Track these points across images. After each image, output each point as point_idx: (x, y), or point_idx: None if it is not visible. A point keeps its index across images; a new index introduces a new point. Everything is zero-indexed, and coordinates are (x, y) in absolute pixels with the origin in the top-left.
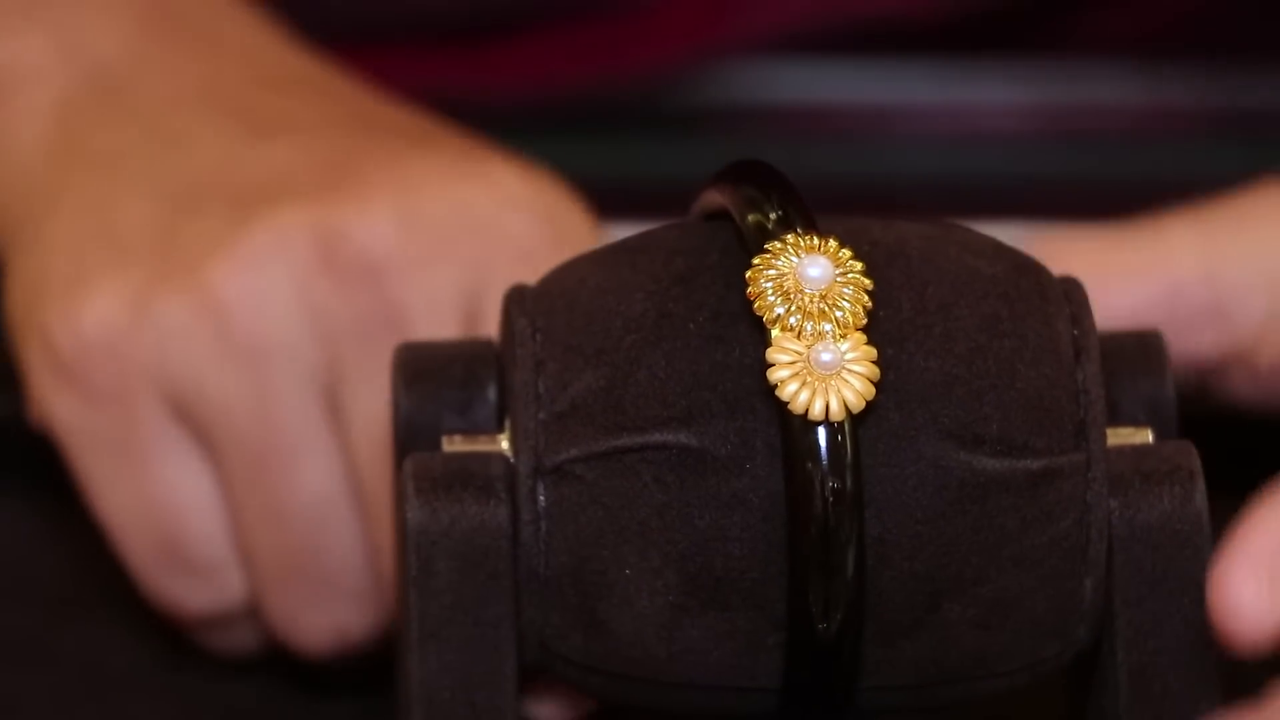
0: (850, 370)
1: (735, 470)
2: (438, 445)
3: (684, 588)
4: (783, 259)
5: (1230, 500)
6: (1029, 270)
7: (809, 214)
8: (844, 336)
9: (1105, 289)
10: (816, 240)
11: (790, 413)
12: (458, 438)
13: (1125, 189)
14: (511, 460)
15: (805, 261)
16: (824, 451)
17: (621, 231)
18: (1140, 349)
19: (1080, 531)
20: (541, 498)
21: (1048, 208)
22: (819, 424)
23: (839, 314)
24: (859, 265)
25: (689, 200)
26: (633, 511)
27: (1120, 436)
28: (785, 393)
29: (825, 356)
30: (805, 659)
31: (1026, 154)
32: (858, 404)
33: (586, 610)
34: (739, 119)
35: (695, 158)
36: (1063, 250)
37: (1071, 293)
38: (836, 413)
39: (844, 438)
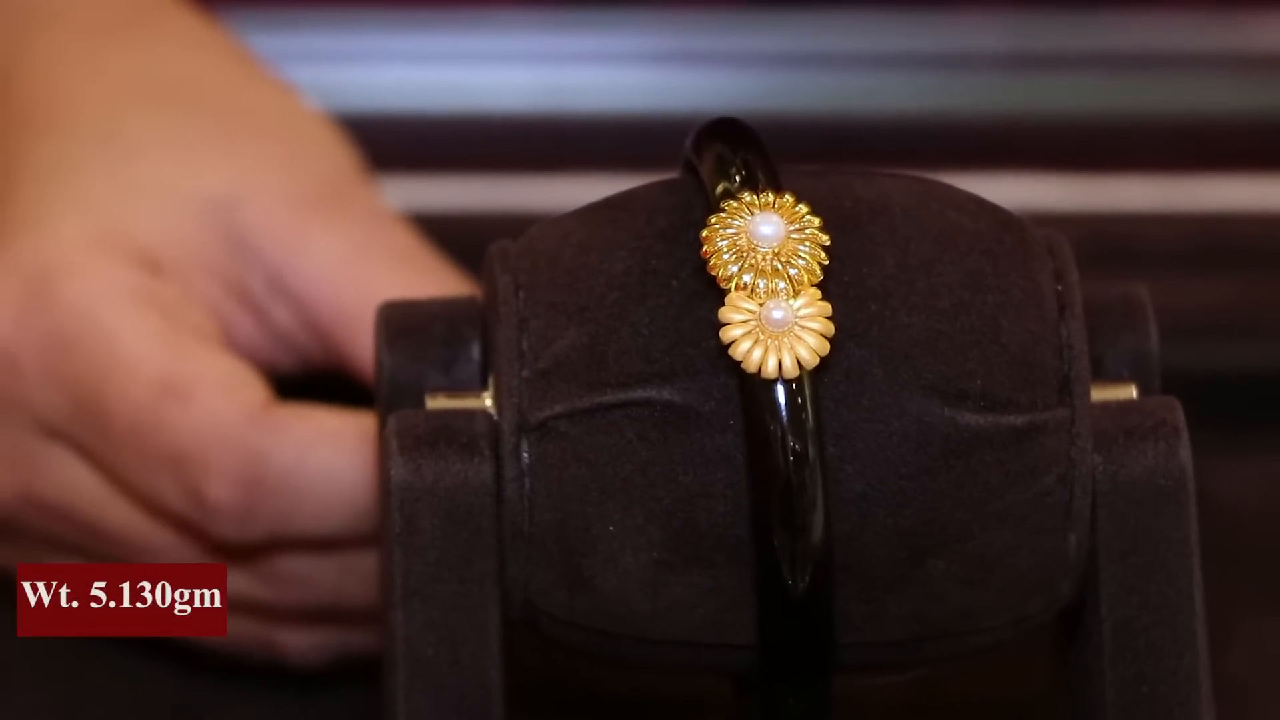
0: (804, 327)
1: (718, 426)
2: (421, 403)
3: (668, 544)
4: (738, 218)
5: (1213, 456)
6: (1012, 226)
7: (774, 172)
8: (798, 294)
9: None
10: (772, 197)
11: (746, 371)
12: (441, 395)
13: None
14: (495, 417)
15: (758, 219)
16: (783, 408)
17: None
18: (1124, 304)
19: (1064, 487)
20: (525, 454)
21: None
22: (776, 381)
23: (793, 271)
24: (816, 221)
25: None
26: (616, 468)
27: (1104, 392)
28: (738, 351)
29: (777, 314)
30: (778, 618)
31: None
32: (811, 360)
33: (570, 567)
34: None
35: None
36: None
37: (1055, 248)
38: (790, 369)
39: (803, 396)
